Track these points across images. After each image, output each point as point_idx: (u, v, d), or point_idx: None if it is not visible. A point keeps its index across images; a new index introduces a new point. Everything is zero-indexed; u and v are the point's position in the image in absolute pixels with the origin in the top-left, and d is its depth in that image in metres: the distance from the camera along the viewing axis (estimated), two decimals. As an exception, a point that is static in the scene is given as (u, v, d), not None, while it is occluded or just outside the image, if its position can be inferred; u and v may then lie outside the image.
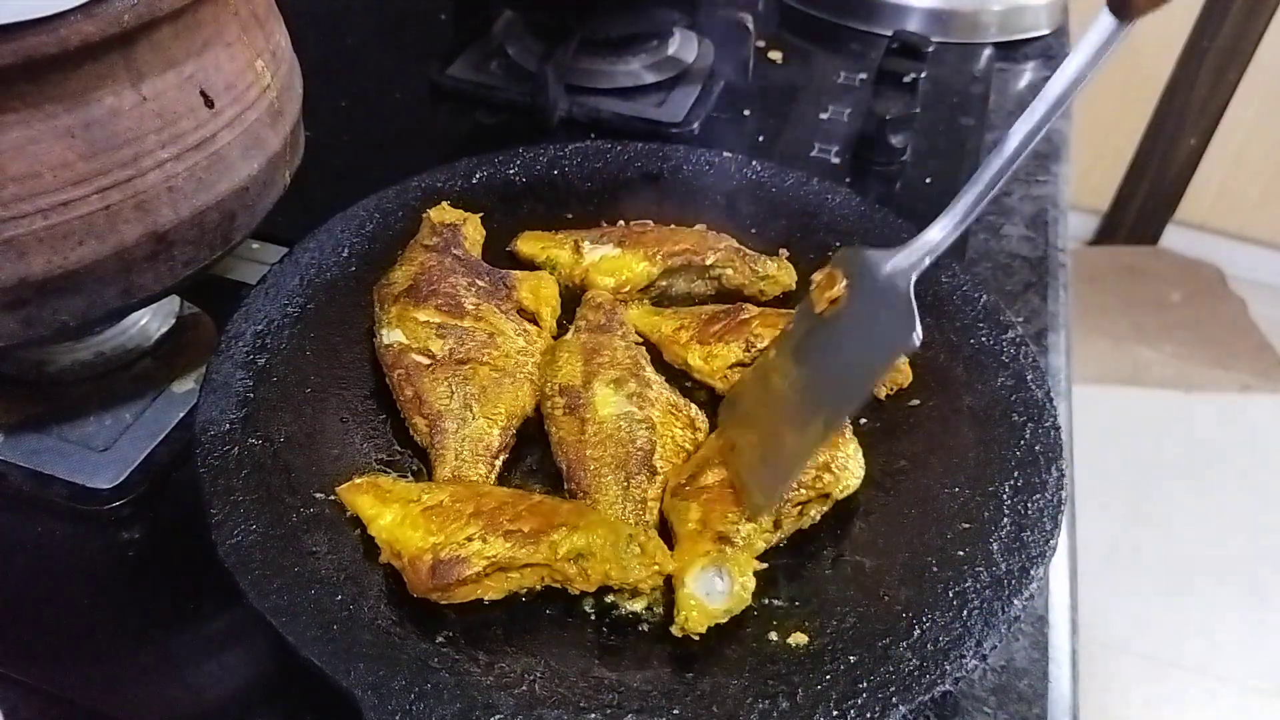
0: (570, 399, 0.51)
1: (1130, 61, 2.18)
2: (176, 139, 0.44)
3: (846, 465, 0.48)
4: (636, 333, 0.57)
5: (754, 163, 0.68)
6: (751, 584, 0.43)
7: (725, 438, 0.50)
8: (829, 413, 0.46)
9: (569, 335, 0.56)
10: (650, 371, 0.54)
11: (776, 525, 0.46)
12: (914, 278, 0.45)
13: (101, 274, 0.44)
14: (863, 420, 0.53)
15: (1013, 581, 0.43)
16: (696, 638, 0.42)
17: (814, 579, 0.46)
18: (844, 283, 0.48)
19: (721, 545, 0.44)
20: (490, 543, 0.42)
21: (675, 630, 0.42)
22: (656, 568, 0.43)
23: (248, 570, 0.41)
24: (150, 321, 0.58)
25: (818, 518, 0.47)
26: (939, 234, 0.46)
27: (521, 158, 0.67)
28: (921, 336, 0.43)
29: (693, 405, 0.53)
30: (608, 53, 0.87)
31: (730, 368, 0.54)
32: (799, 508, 0.46)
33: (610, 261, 0.60)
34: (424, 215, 0.61)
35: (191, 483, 0.45)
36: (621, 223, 0.64)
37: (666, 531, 0.47)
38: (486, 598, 0.43)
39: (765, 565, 0.44)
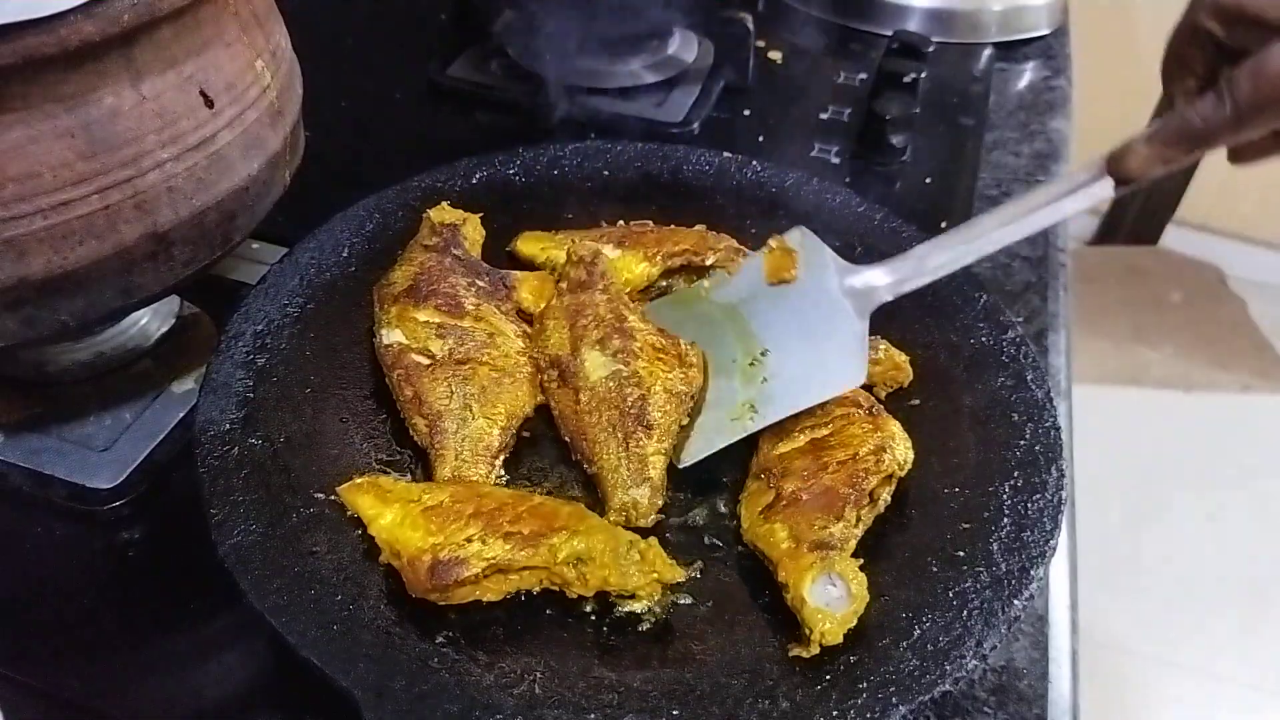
0: (562, 370, 0.52)
1: (1130, 61, 2.18)
2: (176, 139, 0.44)
3: (896, 444, 0.48)
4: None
5: (754, 163, 0.68)
6: (864, 579, 0.42)
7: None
8: (763, 410, 0.50)
9: (553, 300, 0.56)
10: (634, 319, 0.54)
11: (858, 520, 0.46)
12: (870, 309, 0.49)
13: (101, 274, 0.44)
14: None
15: (1013, 581, 0.43)
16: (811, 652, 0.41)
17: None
18: (798, 269, 0.52)
19: (821, 552, 0.43)
20: (490, 544, 0.42)
21: (805, 651, 0.41)
22: (655, 575, 0.43)
23: (248, 570, 0.41)
24: (150, 321, 0.58)
25: (890, 498, 0.47)
26: (898, 275, 0.51)
27: (521, 158, 0.67)
28: (865, 378, 0.49)
29: (681, 340, 0.53)
30: (608, 53, 0.87)
31: None
32: (869, 496, 0.46)
33: (610, 262, 0.60)
34: (424, 215, 0.61)
35: (191, 483, 0.45)
36: (621, 223, 0.64)
37: (752, 558, 0.46)
38: (485, 599, 0.43)
39: (862, 561, 0.44)
